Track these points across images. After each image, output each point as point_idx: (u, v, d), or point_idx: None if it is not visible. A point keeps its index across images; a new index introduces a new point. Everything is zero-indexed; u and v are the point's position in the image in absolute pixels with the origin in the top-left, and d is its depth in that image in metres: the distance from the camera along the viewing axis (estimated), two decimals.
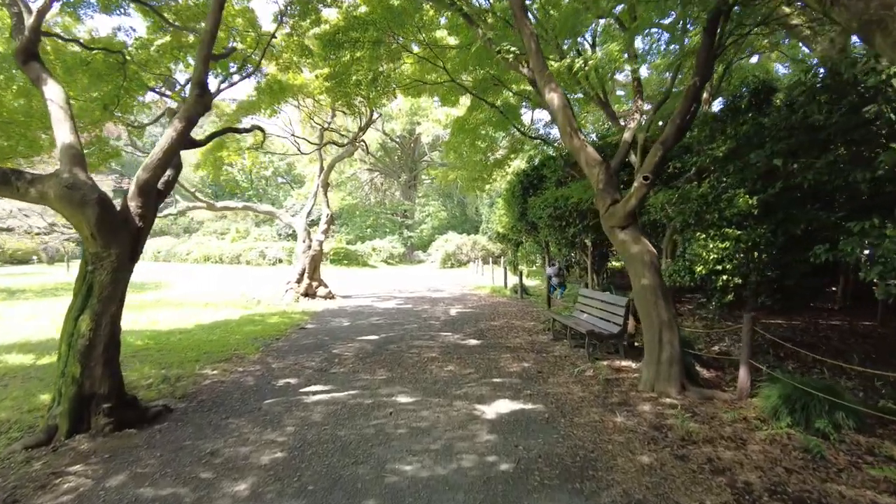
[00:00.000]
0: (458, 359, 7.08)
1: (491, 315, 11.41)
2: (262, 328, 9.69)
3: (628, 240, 5.97)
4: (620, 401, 5.22)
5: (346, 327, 9.94)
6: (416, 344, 8.18)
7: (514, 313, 11.64)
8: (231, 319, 10.82)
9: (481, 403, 5.17)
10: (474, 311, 12.26)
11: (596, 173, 6.36)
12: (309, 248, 14.19)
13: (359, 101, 10.69)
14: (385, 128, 38.99)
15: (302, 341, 8.53)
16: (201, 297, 14.85)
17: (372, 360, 7.09)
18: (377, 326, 9.99)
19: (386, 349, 7.79)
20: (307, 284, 13.89)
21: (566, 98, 6.80)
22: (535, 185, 17.00)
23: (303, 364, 6.89)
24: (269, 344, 8.29)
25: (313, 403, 5.23)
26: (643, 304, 5.73)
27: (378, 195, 45.84)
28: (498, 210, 21.01)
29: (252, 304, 13.29)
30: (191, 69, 8.56)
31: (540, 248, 18.33)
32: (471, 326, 9.90)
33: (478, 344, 8.17)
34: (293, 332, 9.47)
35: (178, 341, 8.40)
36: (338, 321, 10.74)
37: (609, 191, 6.25)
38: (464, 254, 33.04)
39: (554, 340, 8.36)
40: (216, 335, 8.94)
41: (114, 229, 4.37)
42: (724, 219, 7.29)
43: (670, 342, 5.49)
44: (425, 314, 11.69)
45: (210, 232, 43.81)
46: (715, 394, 5.28)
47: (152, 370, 6.46)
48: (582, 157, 6.49)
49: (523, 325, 9.89)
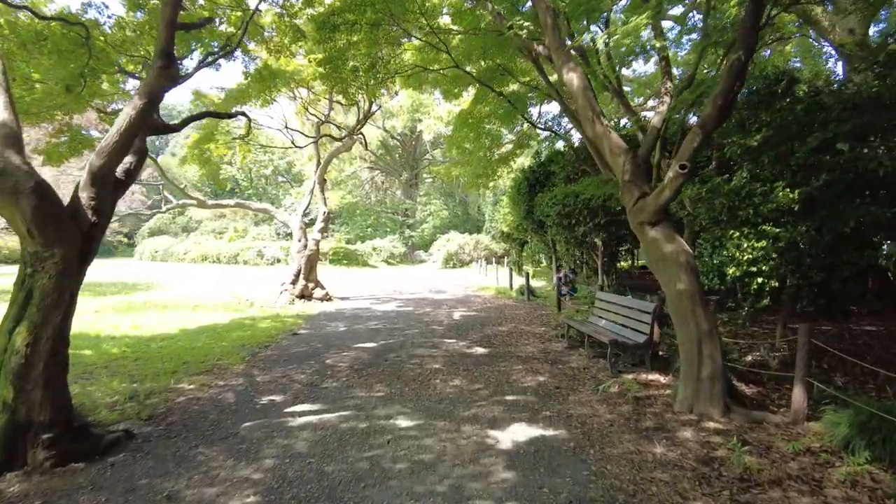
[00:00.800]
0: (464, 371, 6.35)
1: (497, 319, 10.68)
2: (251, 334, 8.97)
3: (660, 238, 5.23)
4: (656, 425, 4.48)
5: (342, 333, 9.22)
6: (417, 353, 7.45)
7: (522, 317, 10.90)
8: (220, 324, 10.10)
9: (494, 428, 4.44)
10: (479, 314, 11.53)
11: (621, 163, 5.63)
12: (305, 247, 13.47)
13: (355, 89, 9.95)
14: (386, 125, 38.29)
15: (293, 349, 7.81)
16: (192, 299, 14.15)
17: (368, 372, 6.37)
18: (376, 332, 9.27)
19: (384, 359, 7.06)
20: (303, 286, 13.18)
21: (587, 79, 6.07)
22: (541, 181, 16.27)
23: (291, 377, 6.17)
24: (257, 353, 7.57)
25: (299, 428, 4.50)
26: (679, 311, 4.99)
27: (379, 194, 45.14)
28: (502, 208, 20.28)
29: (244, 307, 12.58)
30: None
31: (546, 248, 17.59)
32: (477, 332, 9.17)
33: (485, 353, 7.44)
34: (285, 338, 8.75)
35: (159, 349, 7.69)
36: (334, 326, 10.02)
37: (637, 182, 5.52)
38: (466, 253, 32.30)
39: (569, 349, 7.63)
40: (201, 342, 8.22)
41: (58, 224, 3.65)
42: (760, 215, 6.56)
43: (711, 356, 4.76)
44: (427, 318, 10.97)
45: (208, 231, 43.15)
46: (765, 416, 4.54)
47: (121, 384, 5.74)
48: (605, 145, 5.76)
49: (533, 331, 9.16)
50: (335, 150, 14.44)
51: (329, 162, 14.09)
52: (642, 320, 6.29)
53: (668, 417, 4.67)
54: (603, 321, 7.42)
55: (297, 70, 10.63)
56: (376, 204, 44.52)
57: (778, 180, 6.50)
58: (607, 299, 7.54)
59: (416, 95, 35.56)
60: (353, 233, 39.85)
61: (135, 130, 3.95)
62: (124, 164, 4.18)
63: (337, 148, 14.49)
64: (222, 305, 12.75)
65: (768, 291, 6.79)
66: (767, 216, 6.49)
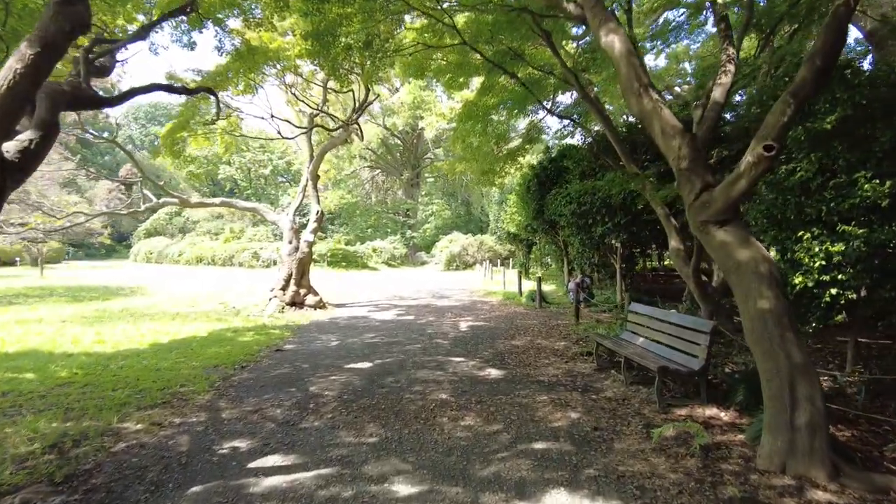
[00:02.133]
0: (477, 403, 5.19)
1: (509, 331, 9.52)
2: (228, 350, 7.82)
3: (731, 241, 4.07)
4: (742, 494, 3.32)
5: (333, 349, 8.06)
6: (419, 376, 6.29)
7: (537, 328, 9.74)
8: (197, 337, 8.96)
9: (524, 499, 3.28)
10: (488, 324, 10.37)
11: (676, 147, 4.47)
12: (296, 249, 12.33)
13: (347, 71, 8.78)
14: (386, 122, 37.20)
15: (273, 371, 6.66)
16: (175, 307, 13.03)
17: (360, 405, 5.21)
18: (372, 347, 8.11)
19: (380, 386, 5.90)
20: (293, 292, 12.04)
21: (631, 42, 4.92)
22: (553, 178, 15.11)
23: (264, 412, 5.01)
24: (230, 376, 6.41)
25: (262, 497, 3.35)
26: (762, 338, 3.83)
27: (379, 194, 44.05)
28: (509, 208, 19.13)
29: (230, 316, 11.44)
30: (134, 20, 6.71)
31: (558, 250, 16.42)
32: (487, 347, 8.01)
33: (501, 376, 6.27)
34: (267, 355, 7.60)
35: (116, 371, 6.54)
36: (325, 339, 8.86)
37: (697, 171, 4.36)
38: (469, 255, 31.17)
39: (599, 371, 6.46)
40: (168, 361, 7.08)
41: None
42: (837, 213, 5.39)
43: (810, 398, 3.60)
44: (430, 329, 9.81)
45: (203, 232, 42.08)
46: (891, 483, 3.37)
47: (50, 424, 4.60)
48: (655, 124, 4.60)
49: (553, 347, 7.99)
50: (329, 144, 13.31)
51: (322, 156, 12.97)
52: (696, 342, 5.12)
53: (755, 480, 3.50)
54: (640, 339, 6.26)
55: (282, 48, 9.46)
56: (377, 204, 43.42)
57: (858, 170, 5.34)
58: (646, 313, 6.37)
59: (417, 92, 34.50)
60: (353, 234, 38.75)
61: (24, 91, 2.81)
62: (18, 141, 3.04)
63: (331, 141, 13.36)
64: (205, 314, 11.62)
65: (843, 304, 5.63)
66: (847, 214, 5.33)
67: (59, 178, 21.00)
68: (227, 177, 64.29)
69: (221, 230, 40.24)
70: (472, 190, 42.13)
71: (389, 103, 36.20)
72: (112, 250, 58.11)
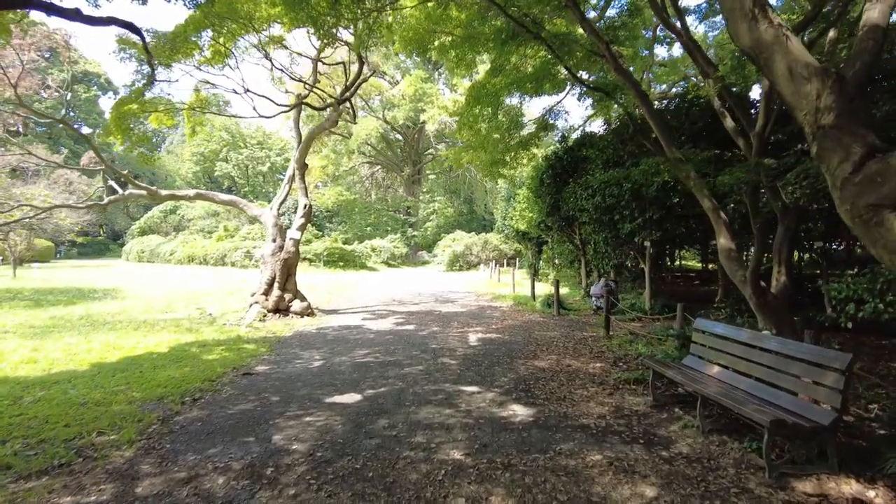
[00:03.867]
0: (505, 470, 3.64)
1: (528, 345, 7.98)
2: (185, 373, 6.30)
3: None
4: None
5: (314, 372, 6.52)
6: (422, 417, 4.75)
7: (561, 343, 8.20)
8: (154, 353, 7.44)
9: None
10: (502, 336, 8.83)
11: (812, 94, 2.94)
12: (281, 248, 10.80)
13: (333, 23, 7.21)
14: (386, 115, 35.67)
15: (233, 406, 5.13)
16: (145, 313, 11.53)
17: (338, 470, 3.67)
18: (363, 370, 6.58)
19: (369, 434, 4.36)
20: (277, 297, 10.50)
21: None
22: (570, 170, 13.55)
23: (200, 485, 3.48)
24: (174, 415, 4.88)
25: None
26: None
27: (379, 191, 42.53)
28: (519, 203, 17.57)
29: (203, 325, 9.92)
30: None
31: (574, 250, 14.86)
32: (506, 370, 6.47)
33: (530, 418, 4.73)
34: (231, 381, 6.08)
35: (25, 408, 5.00)
36: (306, 357, 7.33)
37: (853, 129, 2.82)
38: (473, 255, 29.64)
39: (658, 409, 4.92)
40: (102, 390, 5.55)
41: None
42: None
43: None
44: (434, 343, 8.28)
45: (197, 230, 40.59)
46: None
47: None
48: (778, 60, 3.07)
49: (587, 370, 6.45)
50: (318, 128, 11.74)
51: (311, 142, 11.43)
52: (821, 382, 3.57)
53: None
54: (715, 368, 4.71)
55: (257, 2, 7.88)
56: (377, 202, 41.90)
57: None
58: (722, 334, 4.81)
59: (418, 83, 32.98)
60: (352, 232, 37.21)
61: None
62: None
63: (320, 124, 11.79)
64: (175, 323, 10.10)
65: None
66: None
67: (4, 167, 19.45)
68: (224, 174, 62.95)
69: (216, 228, 38.70)
70: (475, 187, 40.60)
71: (390, 95, 34.68)
72: (106, 248, 56.80)
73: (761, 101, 6.65)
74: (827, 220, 8.86)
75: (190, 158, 63.77)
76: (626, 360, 6.93)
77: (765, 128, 6.75)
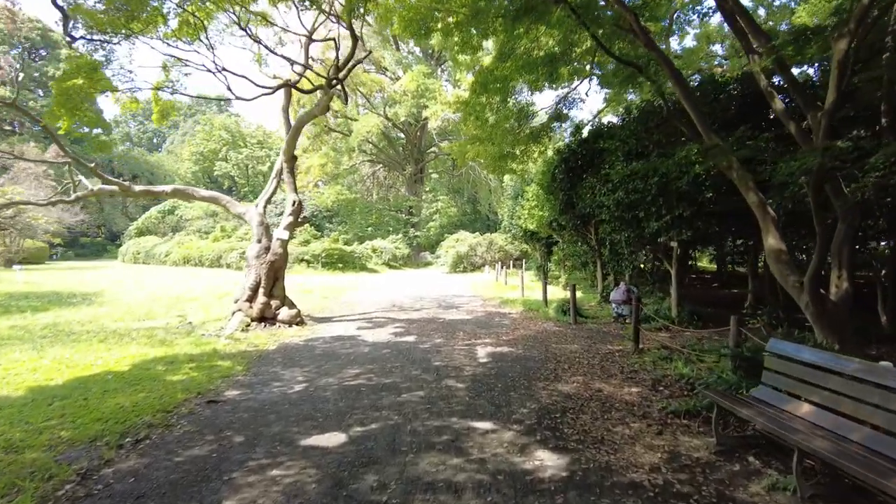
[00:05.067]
0: None
1: (548, 362, 6.87)
2: (139, 399, 5.22)
3: None
4: None
5: (293, 399, 5.43)
6: (421, 471, 3.65)
7: (584, 358, 7.09)
8: (112, 372, 6.38)
9: None
10: (515, 350, 7.72)
11: None
12: (266, 250, 9.73)
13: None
14: (388, 112, 34.63)
15: (183, 451, 4.04)
16: (119, 320, 10.49)
17: None
18: (352, 396, 5.49)
19: (350, 498, 3.26)
20: (262, 304, 9.43)
21: None
22: (585, 164, 12.42)
23: None
24: (103, 464, 3.80)
25: None
26: None
27: (381, 190, 41.47)
28: (528, 201, 16.45)
29: (178, 336, 8.86)
30: None
31: (590, 251, 13.73)
32: (524, 397, 5.36)
33: (562, 471, 3.62)
34: (190, 411, 5.00)
35: None
36: (287, 379, 6.24)
37: None
38: (478, 256, 28.53)
39: (723, 454, 3.81)
40: (34, 423, 4.49)
41: None
42: None
43: None
44: (438, 359, 7.18)
45: (194, 231, 39.61)
46: None
47: None
48: None
49: (623, 396, 5.34)
50: (307, 115, 10.61)
51: (299, 130, 10.31)
52: None
53: None
54: (806, 407, 3.59)
55: None
56: (378, 201, 40.82)
57: None
58: (817, 363, 3.67)
59: (420, 79, 31.91)
60: (352, 232, 36.13)
61: None
62: None
63: (309, 111, 10.67)
64: (148, 333, 9.04)
65: None
66: None
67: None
68: (223, 174, 62.03)
69: (213, 229, 37.70)
70: (479, 185, 39.50)
71: (391, 91, 33.63)
72: (104, 250, 55.92)
73: (833, 73, 5.54)
74: (890, 217, 7.74)
75: (189, 158, 62.92)
76: (667, 382, 5.82)
77: (836, 105, 5.63)
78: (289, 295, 10.23)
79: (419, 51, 40.25)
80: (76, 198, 10.26)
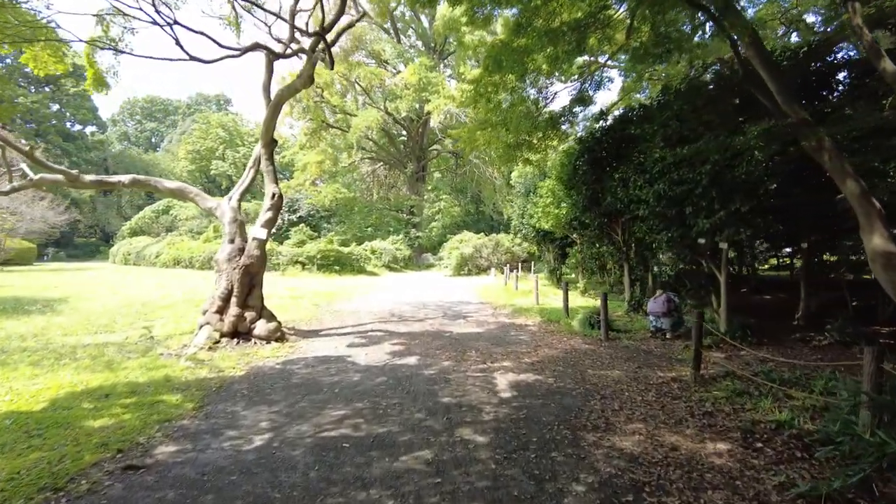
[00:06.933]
0: None
1: (589, 399, 5.29)
2: (28, 463, 3.68)
3: None
4: None
5: (245, 466, 3.86)
6: None
7: (634, 391, 5.51)
8: (19, 412, 4.83)
9: None
10: (544, 378, 6.14)
11: None
12: (240, 251, 8.18)
13: None
14: (388, 107, 33.11)
15: None
16: (71, 333, 8.95)
17: None
18: (328, 462, 3.92)
19: None
20: (235, 316, 7.87)
21: None
22: (612, 154, 10.86)
23: None
24: None
25: None
26: None
27: (381, 189, 39.92)
28: (542, 199, 14.87)
29: (134, 354, 7.31)
30: None
31: (616, 252, 12.14)
32: (573, 463, 3.79)
33: None
34: (92, 485, 3.44)
35: None
36: (246, 426, 4.67)
37: None
38: (483, 258, 26.97)
39: None
40: None
41: None
42: None
43: None
44: (447, 393, 5.61)
45: (186, 231, 38.12)
46: None
47: None
48: None
49: (712, 460, 3.76)
50: (288, 88, 8.96)
51: (279, 107, 8.71)
52: None
53: None
54: None
55: None
56: (378, 200, 39.27)
57: None
58: None
59: (422, 72, 30.40)
60: (350, 233, 34.57)
61: None
62: None
63: (290, 84, 9.05)
64: (97, 351, 7.49)
65: None
66: None
67: None
68: (220, 172, 60.49)
69: (206, 229, 36.19)
70: (483, 184, 37.92)
71: (391, 85, 32.12)
72: (97, 251, 54.44)
73: None
74: None
75: (185, 156, 61.49)
76: (761, 433, 4.25)
77: None
78: (277, 301, 8.69)
79: (421, 44, 38.77)
80: (12, 189, 8.73)
